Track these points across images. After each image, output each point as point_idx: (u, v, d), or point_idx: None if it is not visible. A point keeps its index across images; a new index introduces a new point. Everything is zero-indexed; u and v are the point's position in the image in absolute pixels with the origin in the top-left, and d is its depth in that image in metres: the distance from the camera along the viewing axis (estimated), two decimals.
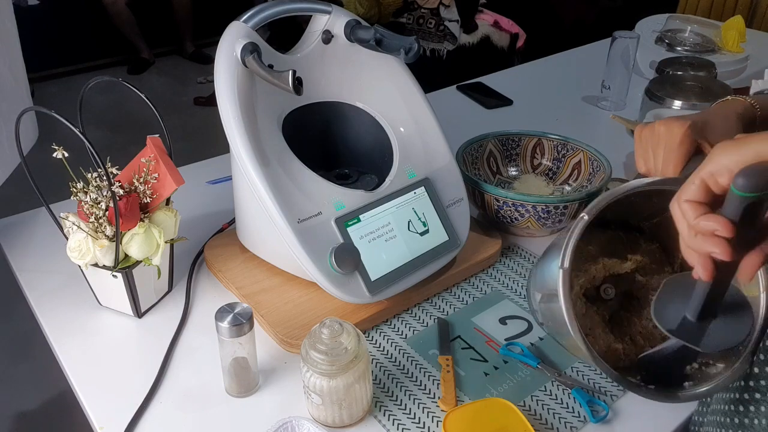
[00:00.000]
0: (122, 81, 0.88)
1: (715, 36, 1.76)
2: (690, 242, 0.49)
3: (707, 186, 0.48)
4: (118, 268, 0.81)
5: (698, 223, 0.47)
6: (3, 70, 1.05)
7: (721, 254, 0.47)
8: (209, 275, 0.96)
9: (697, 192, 0.48)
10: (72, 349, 0.83)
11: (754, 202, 0.45)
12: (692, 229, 0.48)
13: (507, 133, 1.14)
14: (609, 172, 1.01)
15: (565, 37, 2.29)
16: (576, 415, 0.75)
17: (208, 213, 1.07)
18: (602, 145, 1.09)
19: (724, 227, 0.46)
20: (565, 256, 0.65)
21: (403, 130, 0.94)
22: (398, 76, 0.94)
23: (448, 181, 0.94)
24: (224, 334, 0.72)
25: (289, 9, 0.86)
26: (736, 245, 0.47)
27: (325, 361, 0.68)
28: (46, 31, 3.62)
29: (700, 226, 0.47)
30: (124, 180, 0.84)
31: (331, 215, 0.82)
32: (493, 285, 0.95)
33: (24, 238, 1.03)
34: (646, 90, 1.41)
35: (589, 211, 0.66)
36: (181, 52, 4.15)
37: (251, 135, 0.80)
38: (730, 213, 0.46)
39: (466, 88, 1.59)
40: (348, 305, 0.85)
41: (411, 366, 0.81)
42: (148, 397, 0.76)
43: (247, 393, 0.77)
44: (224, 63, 0.80)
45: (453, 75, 1.77)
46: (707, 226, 0.47)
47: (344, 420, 0.73)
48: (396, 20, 2.70)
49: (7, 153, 1.04)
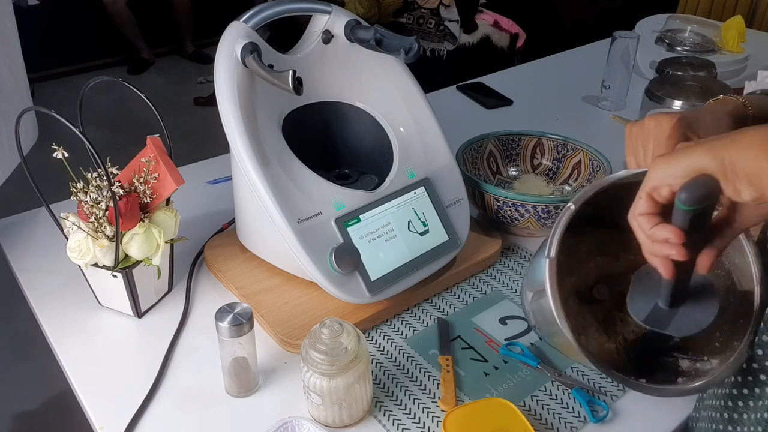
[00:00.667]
0: (122, 81, 0.88)
1: (715, 36, 1.76)
2: (649, 249, 0.55)
3: (654, 198, 0.53)
4: (118, 268, 0.81)
5: (653, 233, 0.53)
6: (3, 70, 1.05)
7: (677, 256, 0.52)
8: (209, 275, 0.96)
9: (645, 205, 0.53)
10: (72, 349, 0.83)
11: (699, 212, 0.50)
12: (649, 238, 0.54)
13: (507, 133, 1.14)
14: (609, 172, 1.01)
15: (565, 37, 2.29)
16: (576, 415, 0.75)
17: (208, 213, 1.07)
18: (602, 145, 1.09)
19: (674, 235, 0.51)
20: (552, 245, 0.65)
21: (403, 130, 0.94)
22: (398, 76, 0.94)
23: (448, 181, 0.94)
24: (224, 334, 0.72)
25: (289, 9, 0.86)
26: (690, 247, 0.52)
27: (325, 361, 0.68)
28: (46, 31, 3.62)
29: (655, 236, 0.53)
30: (124, 180, 0.84)
31: (331, 215, 0.82)
32: (493, 285, 0.95)
33: (24, 238, 1.03)
34: (646, 90, 1.41)
35: (576, 201, 0.66)
36: (181, 52, 4.15)
37: (251, 135, 0.80)
38: (679, 223, 0.51)
39: (466, 88, 1.59)
40: (348, 305, 0.85)
41: (411, 366, 0.81)
42: (148, 397, 0.76)
43: (247, 393, 0.77)
44: (224, 63, 0.80)
45: (453, 75, 1.77)
46: (661, 236, 0.52)
47: (344, 420, 0.73)
48: (396, 20, 2.70)
49: (7, 153, 1.04)
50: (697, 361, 0.68)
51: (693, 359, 0.68)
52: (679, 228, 0.51)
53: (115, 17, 3.79)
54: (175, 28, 4.08)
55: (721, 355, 0.65)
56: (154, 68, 4.03)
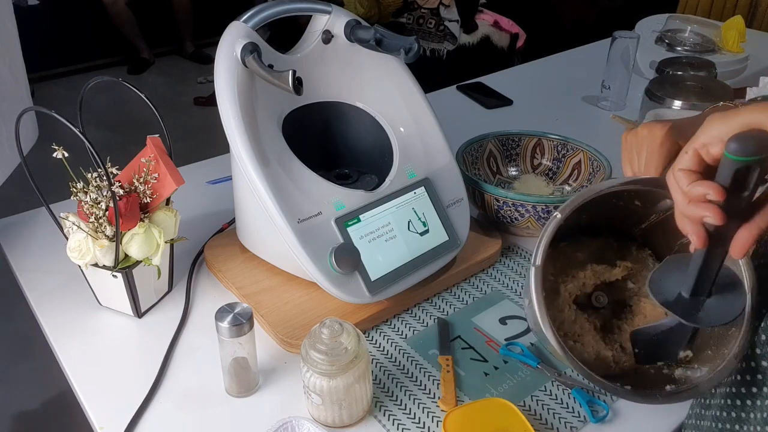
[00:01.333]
0: (122, 81, 0.88)
1: (715, 36, 1.76)
2: (684, 209, 0.51)
3: (700, 156, 0.50)
4: (118, 268, 0.81)
5: (690, 189, 0.49)
6: (3, 70, 1.05)
7: (712, 218, 0.48)
8: (209, 275, 0.96)
9: (690, 161, 0.50)
10: (72, 349, 0.83)
11: (745, 168, 0.47)
12: (685, 195, 0.50)
13: (507, 133, 1.14)
14: (609, 172, 1.01)
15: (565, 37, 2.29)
16: (576, 415, 0.75)
17: (208, 213, 1.07)
18: (602, 145, 1.09)
19: (715, 191, 0.48)
20: (537, 254, 0.65)
21: (403, 130, 0.94)
22: (398, 76, 0.94)
23: (448, 181, 0.94)
24: (224, 334, 0.72)
25: (289, 9, 0.86)
26: (729, 213, 0.48)
27: (325, 361, 0.68)
28: (46, 31, 3.62)
29: (692, 192, 0.49)
30: (124, 180, 0.84)
31: (331, 215, 0.82)
32: (493, 285, 0.95)
33: (24, 238, 1.03)
34: (646, 90, 1.41)
35: (563, 210, 0.66)
36: (181, 52, 4.15)
37: (251, 135, 0.80)
38: (722, 178, 0.48)
39: (466, 88, 1.59)
40: (348, 305, 0.85)
41: (411, 366, 0.81)
42: (148, 397, 0.76)
43: (247, 393, 0.77)
44: (224, 63, 0.81)
45: (453, 75, 1.77)
46: (699, 191, 0.49)
47: (344, 420, 0.73)
48: (396, 20, 2.70)
49: (7, 153, 1.04)
50: (689, 369, 0.67)
51: (686, 366, 0.68)
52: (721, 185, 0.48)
53: (115, 17, 3.79)
54: (175, 28, 4.08)
55: (711, 363, 0.65)
56: (154, 68, 4.03)
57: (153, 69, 4.03)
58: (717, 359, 0.64)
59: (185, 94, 3.67)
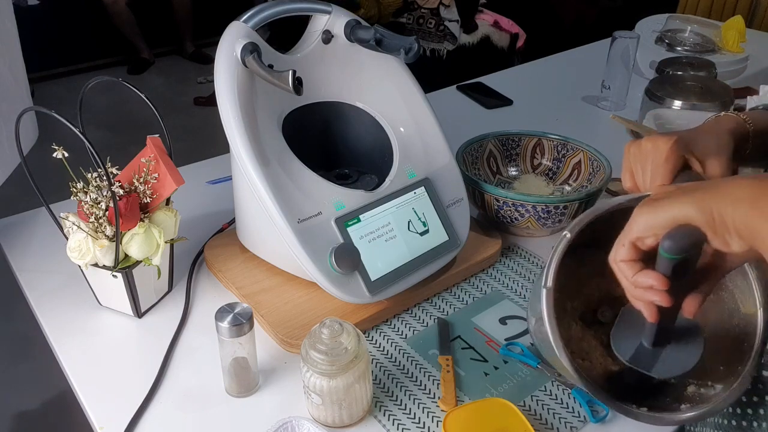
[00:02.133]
0: (122, 81, 0.88)
1: (715, 36, 1.76)
2: (633, 293, 0.54)
3: (636, 246, 0.52)
4: (118, 268, 0.81)
5: (636, 280, 0.52)
6: (3, 70, 1.05)
7: (660, 302, 0.52)
8: (209, 275, 0.96)
9: (628, 253, 0.53)
10: (72, 349, 0.83)
11: (683, 260, 0.50)
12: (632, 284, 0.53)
13: (507, 133, 1.14)
14: (609, 172, 1.01)
15: (565, 37, 2.29)
16: (576, 415, 0.75)
17: (208, 213, 1.07)
18: (602, 145, 1.09)
19: (658, 282, 0.51)
20: (548, 275, 0.64)
21: (403, 130, 0.94)
22: (398, 76, 0.94)
23: (448, 181, 0.94)
24: (224, 334, 0.72)
25: (289, 9, 0.86)
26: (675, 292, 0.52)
27: (325, 361, 0.68)
28: (46, 31, 3.62)
29: (638, 282, 0.52)
30: (124, 180, 0.84)
31: (331, 215, 0.82)
32: (493, 285, 0.95)
33: (24, 238, 1.03)
34: (646, 90, 1.41)
35: (572, 229, 0.65)
36: (181, 52, 4.15)
37: (251, 135, 0.80)
38: (663, 270, 0.51)
39: (466, 88, 1.59)
40: (348, 305, 0.85)
41: (411, 366, 0.81)
42: (148, 397, 0.76)
43: (247, 393, 0.77)
44: (224, 63, 0.81)
45: (453, 75, 1.77)
46: (645, 282, 0.52)
47: (344, 420, 0.73)
48: (396, 20, 2.70)
49: (7, 153, 1.04)
50: (702, 387, 0.66)
51: (698, 384, 0.67)
52: (663, 275, 0.51)
53: (115, 17, 3.80)
54: (175, 28, 4.09)
55: (725, 380, 0.64)
56: (154, 68, 4.04)
57: (153, 69, 4.03)
58: (731, 376, 0.63)
59: (185, 94, 3.67)
